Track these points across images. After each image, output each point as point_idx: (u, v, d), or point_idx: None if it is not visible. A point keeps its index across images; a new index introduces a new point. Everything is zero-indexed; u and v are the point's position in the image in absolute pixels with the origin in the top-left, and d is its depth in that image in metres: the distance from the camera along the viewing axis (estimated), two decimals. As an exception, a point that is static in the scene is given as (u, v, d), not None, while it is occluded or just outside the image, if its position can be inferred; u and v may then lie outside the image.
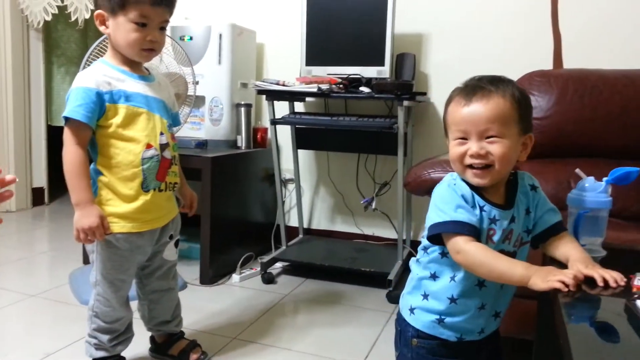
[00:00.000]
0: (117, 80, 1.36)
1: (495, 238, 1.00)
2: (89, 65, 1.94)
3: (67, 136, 1.32)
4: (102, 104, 1.32)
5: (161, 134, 1.40)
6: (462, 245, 0.95)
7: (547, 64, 2.32)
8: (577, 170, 1.15)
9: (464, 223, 0.96)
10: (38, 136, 3.64)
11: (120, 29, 1.32)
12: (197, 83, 2.29)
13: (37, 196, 3.66)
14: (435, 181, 1.15)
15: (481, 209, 0.99)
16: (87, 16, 3.21)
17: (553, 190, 1.90)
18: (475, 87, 0.98)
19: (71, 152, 1.31)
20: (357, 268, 2.27)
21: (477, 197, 1.00)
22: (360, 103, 2.59)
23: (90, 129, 1.33)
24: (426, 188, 1.62)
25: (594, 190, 1.09)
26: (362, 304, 2.14)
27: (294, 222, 2.80)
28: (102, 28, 1.36)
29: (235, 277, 2.35)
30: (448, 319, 1.05)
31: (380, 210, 2.60)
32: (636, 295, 0.66)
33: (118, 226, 1.37)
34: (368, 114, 2.41)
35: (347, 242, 2.67)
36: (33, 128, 3.61)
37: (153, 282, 1.55)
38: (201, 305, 2.07)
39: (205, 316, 1.97)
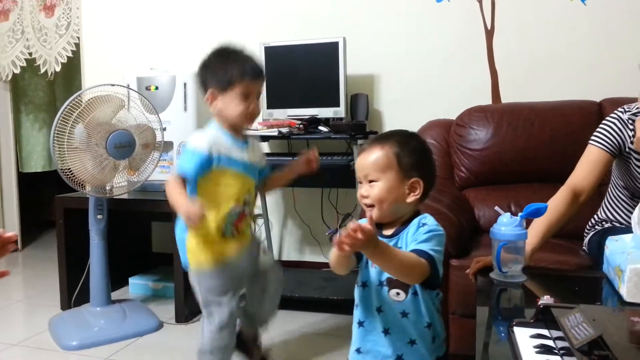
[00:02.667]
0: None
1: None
2: (63, 120, 2.08)
3: None
4: None
5: (248, 193, 1.64)
6: None
7: (487, 99, 2.55)
8: (496, 208, 1.34)
9: None
10: (9, 183, 3.70)
11: (230, 103, 1.55)
12: (164, 129, 2.44)
13: (10, 243, 3.69)
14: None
15: None
16: (58, 69, 3.31)
17: (496, 214, 2.10)
18: (368, 143, 1.22)
19: None
20: (326, 297, 2.42)
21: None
22: (321, 141, 2.77)
23: None
24: (378, 223, 1.79)
25: (511, 225, 1.28)
26: (333, 332, 2.28)
27: (264, 255, 2.94)
28: (212, 105, 1.58)
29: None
30: (362, 346, 1.20)
31: (345, 240, 2.76)
32: (514, 322, 0.83)
33: None
34: (328, 151, 2.58)
35: (316, 272, 2.82)
36: (4, 175, 3.67)
37: None
38: (178, 344, 2.18)
39: (182, 354, 2.08)
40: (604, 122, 1.62)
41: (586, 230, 1.83)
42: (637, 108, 1.56)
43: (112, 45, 3.19)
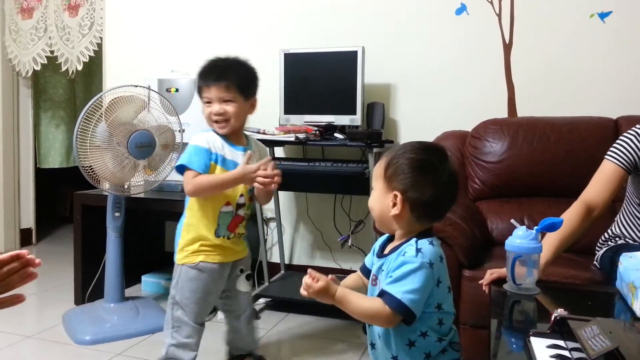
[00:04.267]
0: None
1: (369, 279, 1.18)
2: (86, 119, 2.13)
3: None
4: None
5: (241, 195, 1.68)
6: None
7: (503, 112, 2.57)
8: (512, 221, 1.35)
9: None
10: (26, 178, 3.76)
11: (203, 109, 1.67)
12: (183, 131, 2.48)
13: (25, 237, 3.77)
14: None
15: (374, 251, 1.20)
16: (80, 68, 3.38)
17: (509, 227, 2.12)
18: None
19: None
20: (335, 302, 2.44)
21: (380, 245, 1.19)
22: (336, 147, 2.80)
23: None
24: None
25: (526, 238, 1.29)
26: (341, 337, 2.30)
27: (275, 258, 2.97)
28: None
29: (220, 314, 2.48)
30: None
31: (356, 247, 2.79)
32: (531, 333, 0.85)
33: None
34: (343, 158, 2.62)
35: (326, 277, 2.83)
36: (21, 170, 3.74)
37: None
38: (189, 342, 2.20)
39: (194, 352, 2.10)
40: (621, 137, 1.61)
41: (598, 246, 1.83)
42: None
43: (134, 47, 3.25)
